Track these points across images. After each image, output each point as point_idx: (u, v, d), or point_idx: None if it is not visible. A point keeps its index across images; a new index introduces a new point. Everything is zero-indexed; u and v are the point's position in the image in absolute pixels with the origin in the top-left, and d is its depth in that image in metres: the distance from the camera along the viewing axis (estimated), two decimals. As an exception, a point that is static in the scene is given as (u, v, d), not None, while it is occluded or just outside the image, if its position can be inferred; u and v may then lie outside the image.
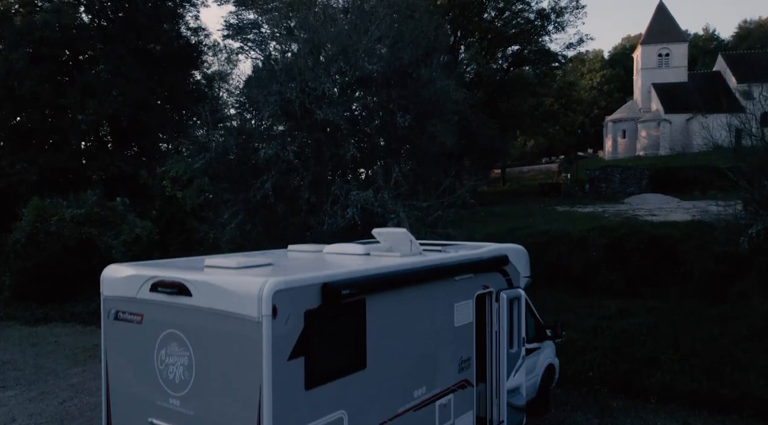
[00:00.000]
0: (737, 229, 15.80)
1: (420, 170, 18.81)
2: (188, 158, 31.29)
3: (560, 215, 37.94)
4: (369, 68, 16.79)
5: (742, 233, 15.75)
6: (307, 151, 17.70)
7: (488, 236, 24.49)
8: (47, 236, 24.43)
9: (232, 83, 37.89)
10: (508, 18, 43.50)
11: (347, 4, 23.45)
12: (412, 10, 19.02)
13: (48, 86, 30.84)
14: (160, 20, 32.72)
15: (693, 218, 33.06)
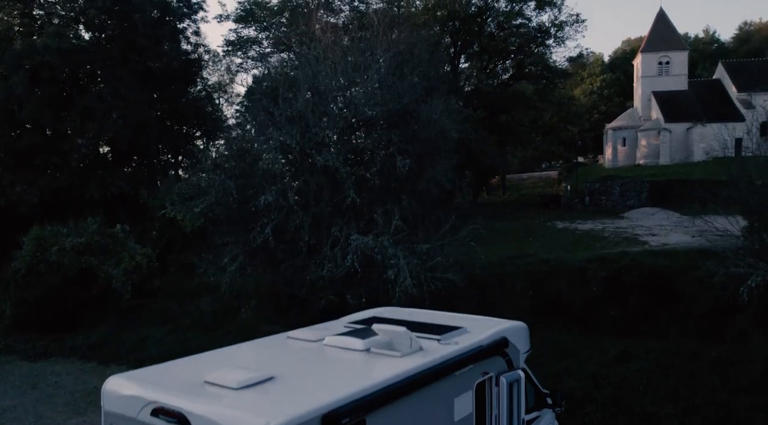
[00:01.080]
0: (737, 279, 15.81)
1: (420, 210, 18.80)
2: (190, 175, 31.43)
3: (560, 233, 38.00)
4: (369, 113, 16.77)
5: (742, 282, 15.77)
6: (307, 194, 17.71)
7: (488, 265, 24.62)
8: (47, 266, 24.46)
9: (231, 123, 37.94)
10: (507, 33, 43.40)
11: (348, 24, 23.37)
12: (411, 50, 18.88)
13: (48, 110, 30.82)
14: (160, 41, 32.64)
15: (693, 239, 33.29)
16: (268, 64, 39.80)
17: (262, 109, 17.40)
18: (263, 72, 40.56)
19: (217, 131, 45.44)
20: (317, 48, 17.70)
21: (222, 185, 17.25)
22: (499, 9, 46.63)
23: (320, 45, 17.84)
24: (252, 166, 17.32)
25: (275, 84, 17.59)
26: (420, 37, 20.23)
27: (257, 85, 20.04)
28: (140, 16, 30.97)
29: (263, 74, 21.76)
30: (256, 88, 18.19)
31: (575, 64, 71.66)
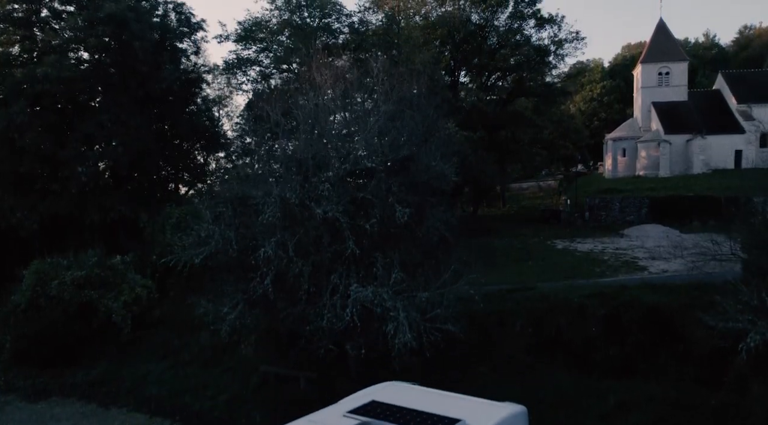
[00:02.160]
0: (737, 334, 15.82)
1: (420, 256, 18.82)
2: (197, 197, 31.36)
3: (560, 255, 37.99)
4: (369, 165, 16.79)
5: (741, 337, 15.79)
6: (307, 242, 17.73)
7: (488, 299, 24.59)
8: (47, 300, 24.52)
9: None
10: (507, 53, 43.44)
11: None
12: (410, 99, 18.89)
13: (48, 136, 30.88)
14: (160, 67, 32.65)
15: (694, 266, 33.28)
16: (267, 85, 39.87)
17: (261, 159, 17.39)
18: (263, 88, 40.72)
19: (217, 144, 45.64)
20: (317, 95, 17.71)
21: (222, 235, 17.28)
22: (499, 27, 46.75)
23: (320, 91, 17.84)
24: (251, 217, 17.33)
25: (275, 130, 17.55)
26: (420, 78, 20.02)
27: (256, 113, 19.84)
28: (140, 44, 30.95)
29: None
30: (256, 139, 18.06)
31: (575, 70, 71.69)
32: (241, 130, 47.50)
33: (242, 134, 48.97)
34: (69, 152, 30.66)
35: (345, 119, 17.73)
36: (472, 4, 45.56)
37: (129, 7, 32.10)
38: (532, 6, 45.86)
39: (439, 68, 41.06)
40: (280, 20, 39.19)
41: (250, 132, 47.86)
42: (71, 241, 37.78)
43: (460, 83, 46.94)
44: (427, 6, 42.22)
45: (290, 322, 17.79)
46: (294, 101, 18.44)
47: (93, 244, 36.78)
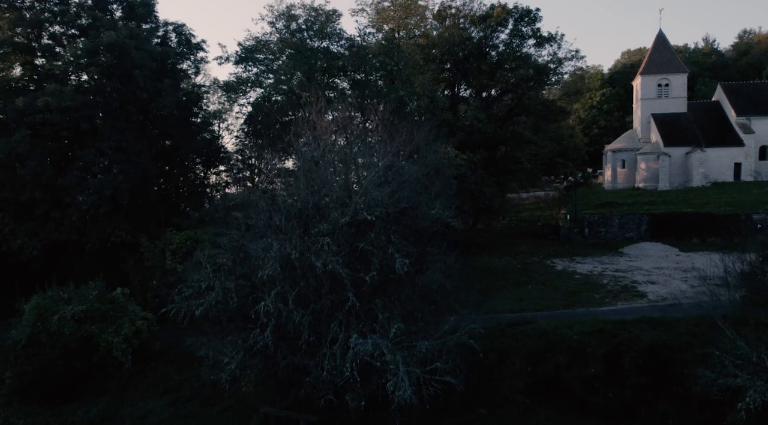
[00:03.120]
0: (735, 388, 15.86)
1: (420, 303, 18.86)
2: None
3: (559, 278, 37.98)
4: (368, 218, 16.84)
5: (740, 393, 15.84)
6: (307, 291, 17.78)
7: (488, 334, 24.58)
8: (48, 336, 24.53)
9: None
10: (506, 73, 43.49)
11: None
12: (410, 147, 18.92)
13: (49, 165, 30.92)
14: (160, 94, 32.68)
15: (693, 290, 33.32)
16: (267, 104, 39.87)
17: (261, 212, 17.42)
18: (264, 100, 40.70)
19: (217, 158, 45.67)
20: (318, 148, 17.76)
21: (222, 287, 17.32)
22: (498, 45, 46.79)
23: (321, 144, 17.88)
24: (252, 268, 17.37)
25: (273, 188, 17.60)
26: (422, 128, 20.04)
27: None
28: (140, 72, 30.98)
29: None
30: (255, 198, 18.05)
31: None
32: (241, 144, 47.72)
33: (242, 148, 49.27)
34: (69, 179, 30.68)
35: (345, 170, 17.74)
36: (472, 23, 45.61)
37: (129, 34, 32.12)
38: (532, 25, 45.91)
39: (438, 89, 41.09)
40: (279, 41, 39.16)
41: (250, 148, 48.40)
42: (73, 266, 37.99)
43: (459, 102, 46.94)
44: (427, 26, 42.21)
45: (290, 371, 17.83)
46: (295, 149, 18.42)
47: (94, 269, 37.11)
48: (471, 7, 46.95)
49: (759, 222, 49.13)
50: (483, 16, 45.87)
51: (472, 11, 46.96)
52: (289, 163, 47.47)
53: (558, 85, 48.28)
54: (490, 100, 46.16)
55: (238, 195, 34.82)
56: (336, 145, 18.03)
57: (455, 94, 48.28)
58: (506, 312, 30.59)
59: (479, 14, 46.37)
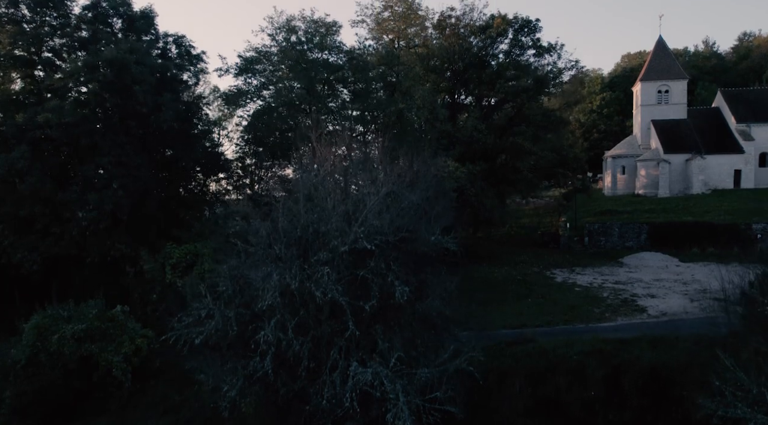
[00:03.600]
0: (736, 421, 15.85)
1: (419, 328, 18.87)
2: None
3: (559, 291, 37.97)
4: (368, 247, 16.84)
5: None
6: (306, 319, 17.78)
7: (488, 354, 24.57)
8: (48, 356, 24.52)
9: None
10: (506, 83, 43.51)
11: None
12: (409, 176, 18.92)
13: (49, 180, 30.93)
14: (160, 108, 32.68)
15: (693, 305, 33.33)
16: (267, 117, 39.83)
17: (260, 240, 17.42)
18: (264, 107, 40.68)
19: (217, 166, 45.65)
20: (317, 175, 17.77)
21: (222, 315, 17.33)
22: (498, 55, 46.81)
23: (321, 170, 17.89)
24: (251, 297, 17.36)
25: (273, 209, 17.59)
26: (422, 159, 20.04)
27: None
28: (140, 88, 30.98)
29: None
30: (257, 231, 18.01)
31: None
32: (241, 152, 47.75)
33: (243, 155, 49.29)
34: (69, 194, 30.69)
35: (345, 198, 17.75)
36: (472, 33, 45.60)
37: (129, 49, 32.09)
38: (532, 35, 45.94)
39: (438, 100, 41.11)
40: (279, 52, 39.19)
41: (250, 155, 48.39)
42: (72, 278, 38.00)
43: (459, 112, 46.93)
44: (427, 37, 42.18)
45: (290, 398, 17.84)
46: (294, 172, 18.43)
47: (94, 282, 37.11)
48: (471, 17, 47.00)
49: (759, 232, 49.15)
50: (483, 26, 45.89)
51: (472, 21, 46.97)
52: (289, 170, 47.74)
53: (557, 94, 48.26)
54: (490, 109, 46.15)
55: (238, 206, 34.77)
56: (336, 169, 17.99)
57: (455, 103, 48.25)
58: (506, 328, 30.63)
59: (479, 24, 46.37)
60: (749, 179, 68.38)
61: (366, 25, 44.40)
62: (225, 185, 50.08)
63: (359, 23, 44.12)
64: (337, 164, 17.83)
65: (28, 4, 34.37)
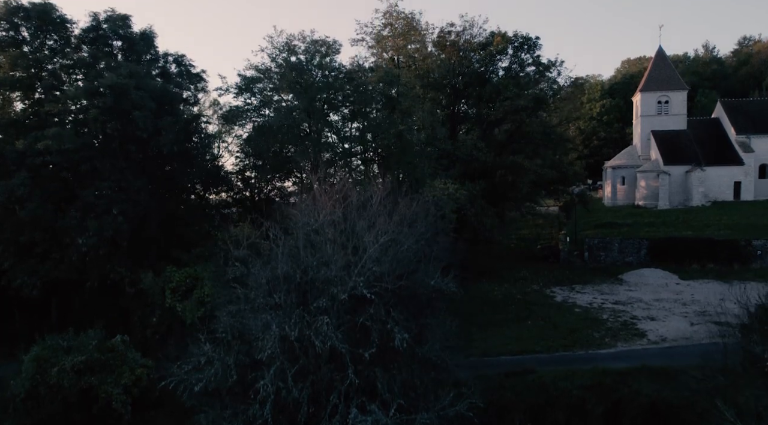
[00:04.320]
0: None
1: (419, 375, 18.86)
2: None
3: (559, 313, 37.93)
4: (368, 296, 16.84)
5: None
6: (306, 364, 17.77)
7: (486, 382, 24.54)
8: (47, 389, 24.49)
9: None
10: (506, 103, 43.50)
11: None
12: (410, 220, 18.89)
13: (48, 205, 30.92)
14: (160, 133, 32.67)
15: (693, 329, 33.36)
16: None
17: (261, 287, 17.40)
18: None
19: (217, 180, 45.60)
20: (316, 222, 17.76)
21: (221, 362, 17.31)
22: (498, 71, 46.83)
23: (321, 214, 17.87)
24: (250, 344, 17.36)
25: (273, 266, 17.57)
26: (423, 203, 20.01)
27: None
28: (140, 113, 30.97)
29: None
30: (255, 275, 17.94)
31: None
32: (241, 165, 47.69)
33: (243, 168, 49.22)
34: (69, 220, 30.69)
35: (345, 244, 17.75)
36: (472, 50, 45.60)
37: (129, 74, 32.08)
38: (531, 52, 45.93)
39: (438, 119, 41.10)
40: (279, 74, 39.15)
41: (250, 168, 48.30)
42: (72, 301, 38.00)
43: (458, 129, 46.92)
44: (428, 54, 42.14)
45: (290, 445, 17.81)
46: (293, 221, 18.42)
47: (94, 305, 37.12)
48: (471, 33, 46.93)
49: (759, 249, 49.14)
50: (483, 43, 45.89)
51: (471, 37, 46.93)
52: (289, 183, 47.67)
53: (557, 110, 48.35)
54: (489, 126, 46.14)
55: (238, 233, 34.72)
56: (336, 215, 17.98)
57: (455, 119, 48.18)
58: (506, 354, 30.68)
59: (478, 41, 46.36)
60: (749, 190, 68.40)
61: (366, 43, 44.41)
62: (225, 197, 50.11)
63: (359, 41, 44.13)
64: (336, 208, 17.80)
65: (28, 27, 34.38)
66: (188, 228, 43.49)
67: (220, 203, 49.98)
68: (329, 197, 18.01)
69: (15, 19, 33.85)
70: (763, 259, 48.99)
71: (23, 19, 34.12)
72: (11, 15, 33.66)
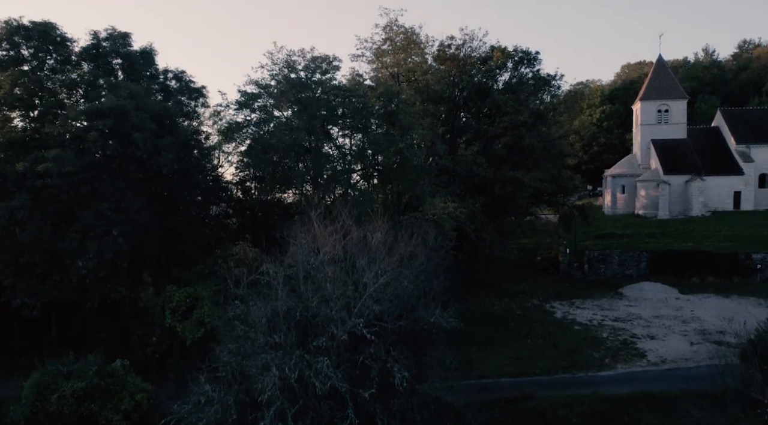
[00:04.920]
0: None
1: (419, 409, 18.88)
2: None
3: (559, 330, 37.95)
4: (368, 337, 16.86)
5: None
6: (306, 404, 17.79)
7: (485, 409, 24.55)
8: (47, 416, 24.48)
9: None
10: (506, 119, 43.51)
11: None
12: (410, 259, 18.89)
13: (48, 227, 30.93)
14: (159, 153, 32.68)
15: (693, 350, 33.40)
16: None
17: (261, 327, 17.42)
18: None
19: (217, 192, 45.63)
20: (317, 259, 17.79)
21: (221, 401, 17.33)
22: (499, 85, 46.86)
23: (321, 252, 17.90)
24: (250, 383, 17.37)
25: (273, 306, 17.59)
26: (424, 241, 20.00)
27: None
28: (140, 135, 30.98)
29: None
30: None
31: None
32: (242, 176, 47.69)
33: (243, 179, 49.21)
34: (69, 242, 30.70)
35: (345, 280, 17.78)
36: (472, 65, 45.59)
37: (129, 94, 32.09)
38: (532, 67, 45.96)
39: (438, 135, 41.10)
40: (278, 91, 39.18)
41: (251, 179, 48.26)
42: (73, 319, 38.07)
43: (458, 144, 46.89)
44: (428, 71, 42.14)
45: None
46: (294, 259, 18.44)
47: (94, 323, 37.15)
48: (471, 46, 46.88)
49: (758, 262, 49.16)
50: (483, 58, 45.89)
51: (471, 50, 46.89)
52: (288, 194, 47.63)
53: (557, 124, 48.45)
54: (489, 140, 46.14)
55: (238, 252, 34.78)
56: (336, 253, 18.00)
57: (454, 133, 48.07)
58: (506, 376, 30.74)
59: (478, 55, 46.36)
60: (749, 200, 68.38)
61: (365, 59, 44.41)
62: (225, 207, 50.15)
63: (359, 57, 44.15)
64: (337, 247, 17.82)
65: (29, 46, 34.41)
66: (189, 243, 43.48)
67: (220, 213, 50.09)
68: (329, 234, 18.03)
69: (16, 38, 33.88)
70: (762, 272, 49.02)
71: (24, 38, 34.16)
72: (12, 34, 33.68)
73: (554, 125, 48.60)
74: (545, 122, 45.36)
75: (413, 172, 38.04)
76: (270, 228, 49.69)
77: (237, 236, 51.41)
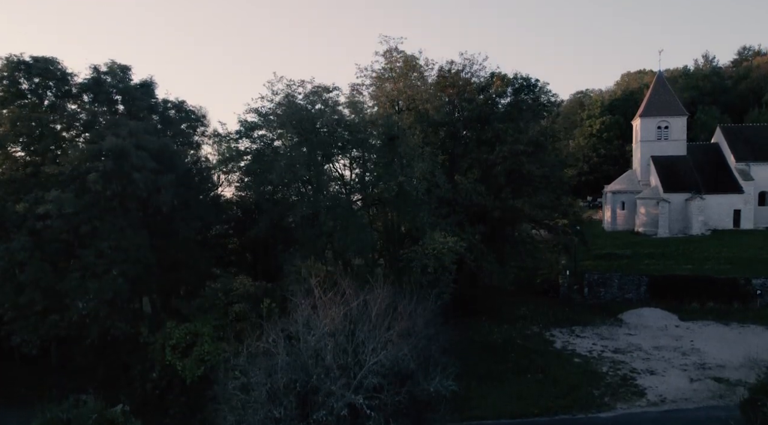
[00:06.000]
0: None
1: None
2: None
3: (558, 363, 37.93)
4: (368, 413, 16.89)
5: None
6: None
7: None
8: (48, 467, 24.53)
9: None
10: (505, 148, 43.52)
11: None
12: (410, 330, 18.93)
13: (48, 269, 30.97)
14: (159, 191, 32.73)
15: (693, 387, 33.43)
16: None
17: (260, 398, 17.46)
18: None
19: (218, 213, 45.59)
20: (319, 331, 17.84)
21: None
22: (499, 112, 46.90)
23: (322, 324, 17.94)
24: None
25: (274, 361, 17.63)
26: (422, 309, 20.05)
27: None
28: (140, 175, 31.04)
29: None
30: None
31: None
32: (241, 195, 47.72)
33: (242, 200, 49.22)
34: (69, 282, 30.76)
35: (345, 348, 17.82)
36: (471, 93, 45.58)
37: (129, 132, 32.14)
38: (531, 94, 45.97)
39: (437, 165, 41.09)
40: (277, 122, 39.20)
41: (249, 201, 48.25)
42: (74, 353, 38.08)
43: (457, 170, 46.87)
44: (429, 101, 42.04)
45: None
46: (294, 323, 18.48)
47: (94, 358, 37.18)
48: (471, 70, 46.83)
49: (758, 288, 49.19)
50: (483, 86, 45.94)
51: (471, 75, 46.86)
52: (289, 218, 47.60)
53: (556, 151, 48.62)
54: (488, 167, 46.12)
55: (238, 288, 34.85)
56: (336, 325, 18.03)
57: (454, 160, 47.96)
58: (506, 416, 30.78)
59: (477, 83, 46.40)
60: (749, 218, 68.42)
61: (365, 88, 44.39)
62: (227, 229, 50.23)
63: (359, 86, 44.12)
64: (336, 319, 17.85)
65: (29, 82, 34.47)
66: (188, 270, 43.47)
67: (221, 233, 50.13)
68: (330, 302, 18.07)
69: (16, 73, 33.94)
70: (762, 298, 49.05)
71: (25, 73, 34.23)
72: (13, 70, 33.74)
73: (553, 152, 48.58)
74: (544, 150, 45.38)
75: (412, 204, 38.10)
76: (270, 249, 49.90)
77: (238, 256, 51.51)
